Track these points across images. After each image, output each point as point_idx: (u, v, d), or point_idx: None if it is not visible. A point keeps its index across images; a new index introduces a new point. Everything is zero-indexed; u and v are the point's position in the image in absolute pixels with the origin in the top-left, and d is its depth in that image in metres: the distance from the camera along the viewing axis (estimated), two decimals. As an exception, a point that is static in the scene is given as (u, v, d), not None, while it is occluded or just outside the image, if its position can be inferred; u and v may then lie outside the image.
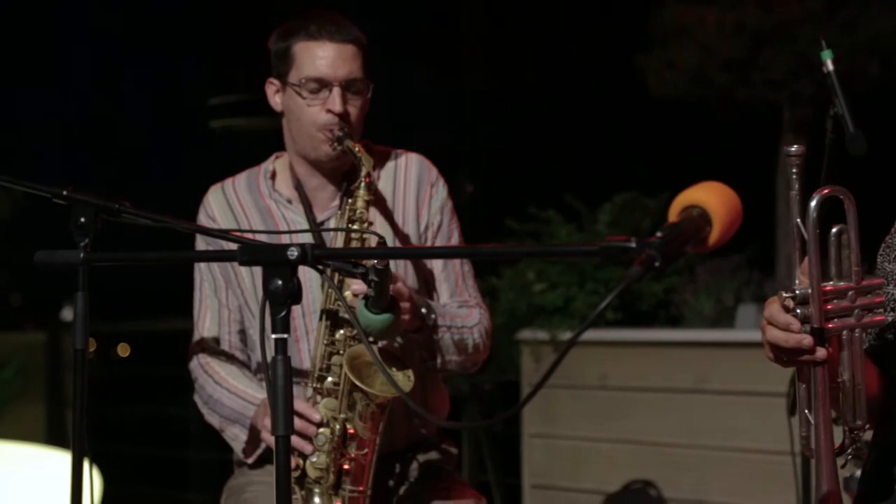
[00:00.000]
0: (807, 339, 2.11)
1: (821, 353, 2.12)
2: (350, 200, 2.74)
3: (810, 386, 2.15)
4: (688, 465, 5.47)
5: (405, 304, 2.61)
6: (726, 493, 5.35)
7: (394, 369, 2.67)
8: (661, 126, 8.84)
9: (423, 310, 2.72)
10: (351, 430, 2.65)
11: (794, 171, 2.09)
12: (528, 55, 10.30)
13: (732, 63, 5.72)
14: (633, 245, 1.66)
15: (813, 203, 2.14)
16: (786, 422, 3.70)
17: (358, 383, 2.60)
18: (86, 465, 2.42)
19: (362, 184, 2.73)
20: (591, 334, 5.51)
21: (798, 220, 2.14)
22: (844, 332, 2.15)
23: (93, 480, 2.48)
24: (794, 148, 2.09)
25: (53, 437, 8.08)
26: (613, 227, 5.98)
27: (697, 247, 1.79)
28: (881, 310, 2.17)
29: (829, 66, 2.63)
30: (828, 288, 2.13)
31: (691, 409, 5.46)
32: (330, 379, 2.68)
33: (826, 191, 2.15)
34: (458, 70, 7.04)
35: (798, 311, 2.12)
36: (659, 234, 1.67)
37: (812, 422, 2.14)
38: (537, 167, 11.12)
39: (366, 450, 2.65)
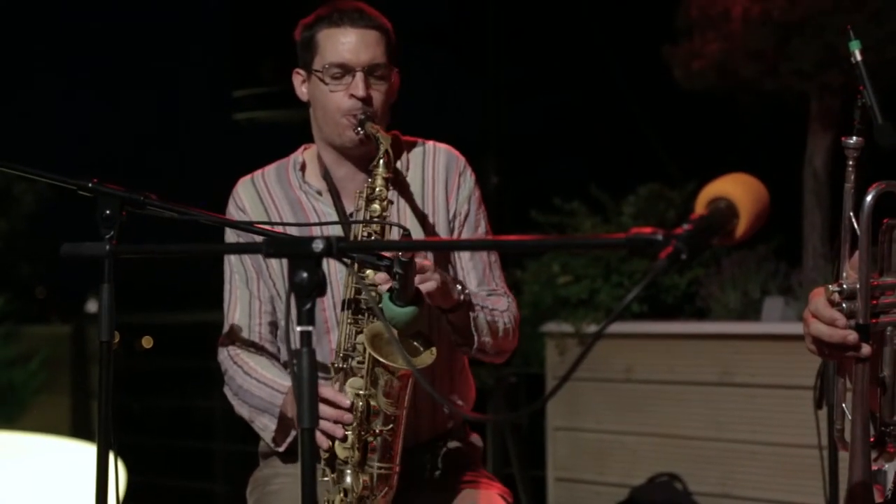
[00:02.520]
0: (852, 336, 2.09)
1: (865, 350, 2.10)
2: (369, 180, 2.74)
3: (853, 381, 2.12)
4: (713, 459, 5.45)
5: (429, 276, 2.59)
6: (752, 486, 5.33)
7: (416, 344, 2.66)
8: (687, 117, 8.80)
9: (459, 286, 2.71)
10: (375, 407, 2.64)
11: (850, 163, 2.06)
12: (554, 46, 10.28)
13: (759, 54, 5.68)
14: (660, 237, 1.65)
15: (869, 197, 2.11)
16: (812, 414, 3.68)
17: (377, 357, 2.60)
18: (111, 456, 2.43)
19: (381, 162, 2.73)
20: (616, 327, 5.50)
21: (850, 213, 2.12)
22: (888, 329, 2.13)
23: (118, 472, 2.48)
24: (852, 140, 2.06)
25: (78, 429, 8.12)
26: (638, 219, 5.96)
27: (724, 239, 1.77)
28: None
29: (858, 56, 2.61)
30: (876, 283, 2.10)
31: (717, 402, 5.44)
32: (355, 359, 2.68)
33: (883, 185, 2.12)
34: (485, 61, 7.02)
35: (844, 305, 2.09)
36: (686, 226, 1.66)
37: (849, 416, 2.12)
38: (563, 158, 11.10)
39: (391, 425, 2.64)
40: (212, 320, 3.03)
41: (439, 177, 2.93)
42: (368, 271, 2.66)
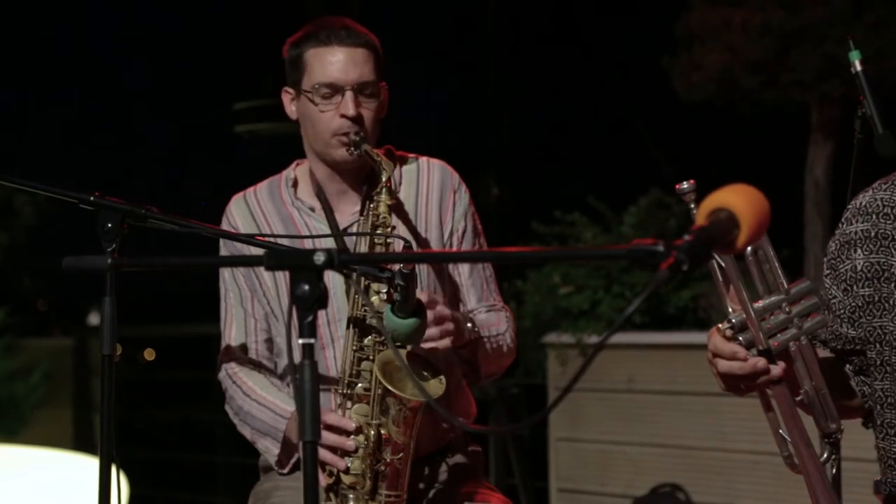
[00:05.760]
0: (760, 362, 2.14)
1: (776, 371, 2.14)
2: (372, 206, 2.74)
3: (779, 405, 2.16)
4: (716, 469, 5.45)
5: (449, 326, 2.61)
6: (754, 496, 5.32)
7: (425, 373, 2.66)
8: (687, 128, 8.82)
9: (469, 324, 2.73)
10: (385, 435, 2.64)
11: (691, 206, 2.08)
12: (554, 59, 10.30)
13: (759, 64, 5.70)
14: (661, 248, 1.65)
15: None
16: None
17: (390, 388, 2.59)
18: (113, 469, 2.43)
19: (384, 189, 2.73)
20: (618, 337, 5.50)
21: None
22: (792, 345, 2.16)
23: (120, 485, 2.48)
24: (685, 185, 2.08)
25: (80, 442, 8.11)
26: (639, 230, 5.96)
27: (725, 250, 1.78)
28: (816, 309, 2.18)
29: (858, 66, 2.62)
30: (760, 306, 2.14)
31: (719, 413, 5.43)
32: (360, 385, 2.67)
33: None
34: (485, 74, 7.04)
35: (741, 338, 2.13)
36: (686, 237, 1.66)
37: (789, 439, 2.15)
38: (564, 170, 11.12)
39: (401, 454, 2.64)
40: (213, 332, 3.03)
41: (433, 193, 2.92)
42: (374, 298, 2.66)
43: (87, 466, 3.86)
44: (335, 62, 2.79)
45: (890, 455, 2.35)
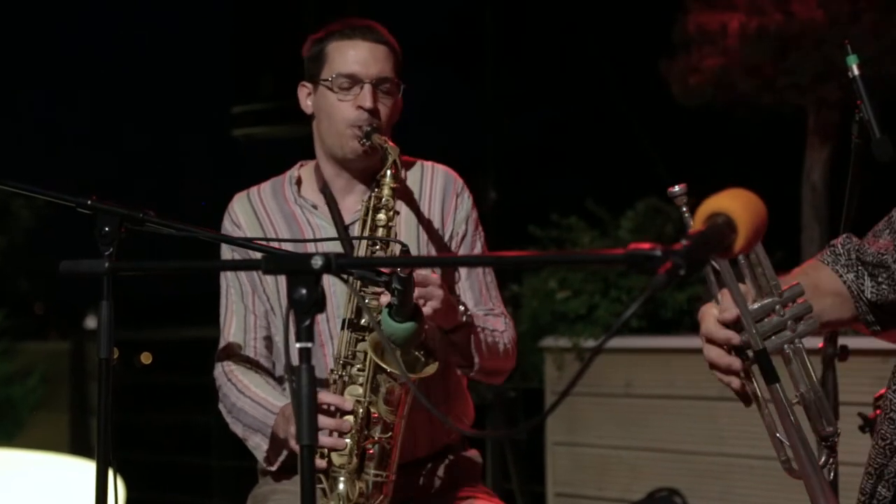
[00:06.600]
0: (735, 363, 2.13)
1: (734, 382, 2.16)
2: (376, 189, 2.75)
3: (776, 406, 2.17)
4: (713, 473, 5.45)
5: (438, 293, 2.60)
6: (752, 501, 5.32)
7: (417, 355, 2.66)
8: (685, 132, 8.82)
9: (461, 307, 2.72)
10: (375, 414, 2.64)
11: (684, 210, 2.09)
12: (552, 62, 10.30)
13: (757, 68, 5.71)
14: (659, 253, 1.65)
15: None
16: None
17: (381, 364, 2.60)
18: (110, 473, 2.43)
19: (388, 172, 2.74)
20: (615, 342, 5.50)
21: None
22: (786, 346, 2.17)
23: (116, 488, 2.48)
24: (677, 188, 2.08)
25: (77, 446, 8.10)
26: (636, 234, 5.97)
27: (723, 254, 1.78)
28: (809, 311, 2.20)
29: (855, 70, 2.62)
30: (754, 308, 2.15)
31: (716, 417, 5.43)
32: (356, 367, 2.68)
33: None
34: (483, 76, 7.04)
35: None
36: (684, 241, 1.66)
37: (786, 442, 2.15)
38: (561, 173, 11.12)
39: (390, 433, 2.64)
40: (210, 336, 3.03)
41: (436, 197, 2.93)
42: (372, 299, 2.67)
43: (83, 470, 3.86)
44: (356, 55, 2.82)
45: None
